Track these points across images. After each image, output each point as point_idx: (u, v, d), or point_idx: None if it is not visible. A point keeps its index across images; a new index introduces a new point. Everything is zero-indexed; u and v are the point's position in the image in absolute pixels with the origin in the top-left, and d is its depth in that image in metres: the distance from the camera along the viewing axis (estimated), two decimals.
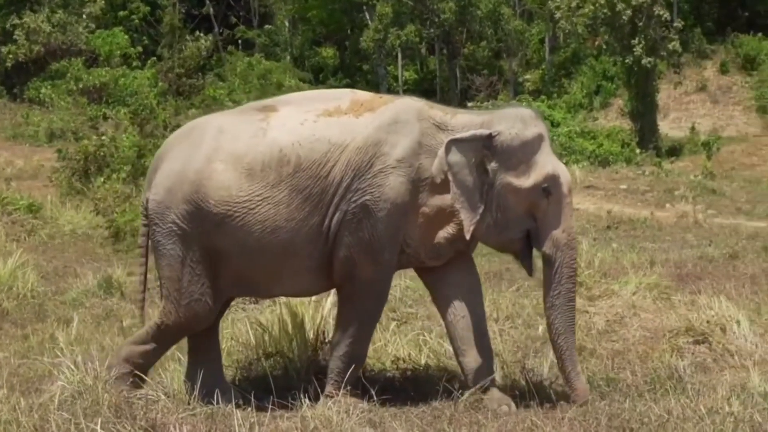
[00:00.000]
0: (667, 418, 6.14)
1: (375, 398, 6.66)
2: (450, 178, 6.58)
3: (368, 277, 6.73)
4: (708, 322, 8.36)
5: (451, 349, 7.29)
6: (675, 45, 39.59)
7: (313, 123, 6.70)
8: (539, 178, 6.72)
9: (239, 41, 49.18)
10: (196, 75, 43.23)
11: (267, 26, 49.82)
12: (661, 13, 39.07)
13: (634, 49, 38.26)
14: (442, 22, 43.28)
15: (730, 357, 7.79)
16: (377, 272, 6.76)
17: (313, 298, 7.82)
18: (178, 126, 24.11)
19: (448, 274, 7.05)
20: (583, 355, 8.14)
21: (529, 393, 6.78)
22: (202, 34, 45.00)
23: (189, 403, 6.63)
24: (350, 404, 6.51)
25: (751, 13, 47.58)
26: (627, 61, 38.81)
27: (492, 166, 6.69)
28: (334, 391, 6.73)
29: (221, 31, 48.82)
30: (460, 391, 6.69)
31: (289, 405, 6.68)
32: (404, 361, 7.87)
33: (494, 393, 6.83)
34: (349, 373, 6.76)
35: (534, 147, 6.78)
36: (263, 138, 6.67)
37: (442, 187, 6.65)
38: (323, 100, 7.01)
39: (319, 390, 6.79)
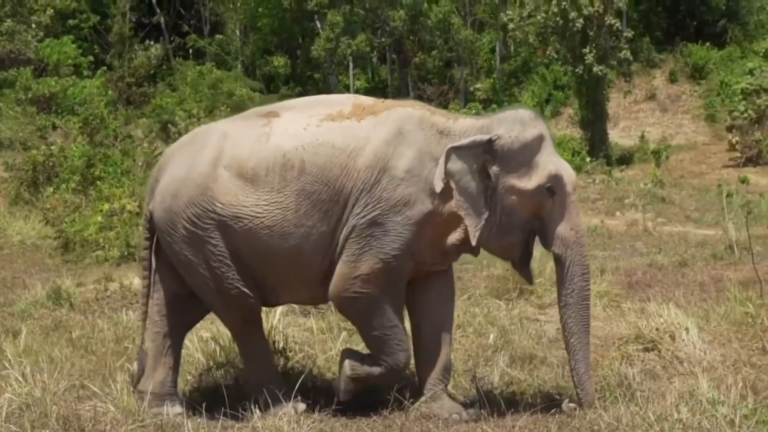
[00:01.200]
0: (617, 425, 6.19)
1: (326, 408, 6.65)
2: (452, 185, 6.59)
3: (370, 293, 6.68)
4: (657, 329, 8.42)
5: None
6: (625, 54, 39.84)
7: (316, 128, 6.72)
8: (542, 178, 6.76)
9: (190, 50, 48.96)
10: (147, 84, 43.07)
11: (218, 36, 49.61)
12: (612, 22, 39.30)
13: (585, 58, 38.44)
14: (393, 31, 43.31)
15: (679, 364, 7.84)
16: (390, 284, 6.73)
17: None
18: (129, 136, 24.27)
19: (427, 281, 7.05)
20: (534, 363, 8.19)
21: (479, 402, 6.78)
22: (152, 43, 44.80)
23: (138, 415, 6.59)
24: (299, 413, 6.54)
25: (699, 23, 48.02)
26: (577, 70, 38.98)
27: (494, 170, 6.71)
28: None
29: (172, 39, 48.54)
30: (411, 400, 6.69)
31: (240, 416, 6.66)
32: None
33: (445, 402, 6.84)
34: (389, 377, 6.85)
35: (535, 148, 6.81)
36: (266, 143, 6.68)
37: (446, 195, 6.65)
38: (325, 105, 7.03)
39: (266, 401, 6.77)
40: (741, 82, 39.04)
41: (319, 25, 45.48)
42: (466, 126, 6.89)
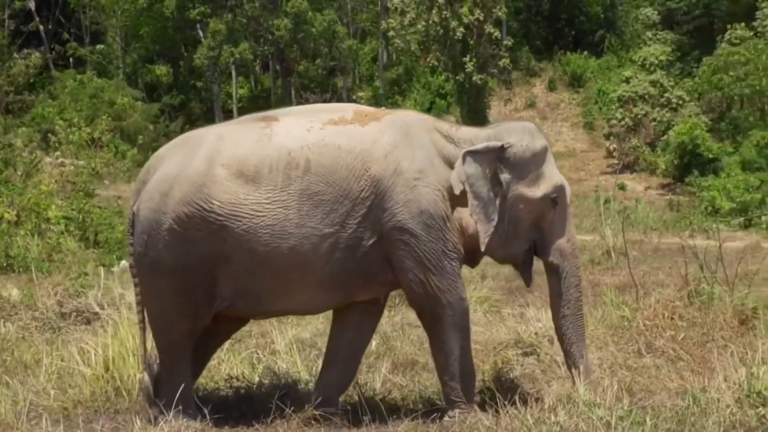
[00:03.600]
0: (496, 429, 6.27)
1: (208, 417, 6.63)
2: (467, 189, 6.58)
3: (442, 291, 6.65)
4: (536, 334, 8.57)
5: (283, 365, 7.31)
6: (505, 62, 40.36)
7: (320, 130, 6.62)
8: (549, 188, 6.84)
9: (70, 59, 48.21)
10: (26, 93, 42.31)
11: (99, 44, 48.93)
12: (492, 31, 39.77)
13: (466, 67, 38.87)
14: (277, 39, 43.20)
15: (557, 368, 7.96)
16: (448, 284, 6.67)
17: None
18: (9, 145, 23.75)
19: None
20: (416, 369, 8.26)
21: (361, 408, 6.82)
22: (31, 51, 44.04)
23: (17, 428, 6.50)
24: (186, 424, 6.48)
25: (577, 32, 48.86)
26: (458, 78, 39.38)
27: (505, 177, 6.74)
28: (461, 411, 6.69)
29: (52, 48, 47.77)
30: (292, 408, 6.69)
31: (120, 426, 6.61)
32: (238, 380, 7.85)
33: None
34: (468, 388, 6.78)
35: (542, 158, 6.89)
36: (269, 142, 6.55)
37: (456, 201, 6.66)
38: (326, 111, 6.96)
39: (152, 410, 6.72)
40: (618, 91, 39.92)
41: (201, 34, 45.18)
42: (471, 134, 6.90)
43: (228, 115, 44.70)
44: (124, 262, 14.41)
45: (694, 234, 14.96)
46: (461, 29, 39.02)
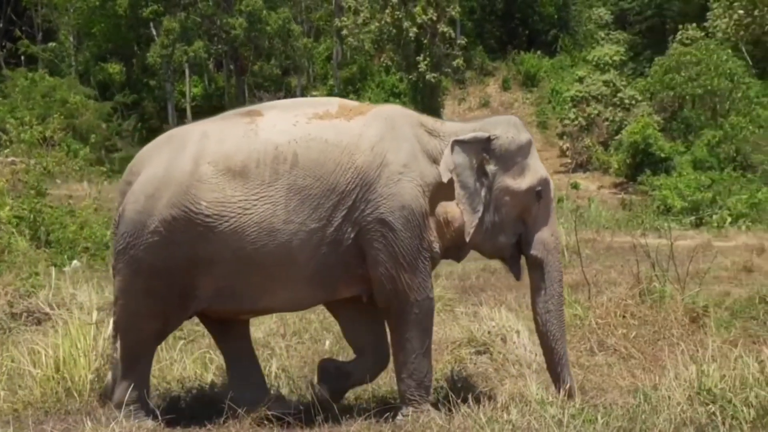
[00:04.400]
0: (449, 428, 6.27)
1: (160, 418, 6.59)
2: (454, 178, 6.59)
3: (411, 288, 6.62)
4: (489, 332, 8.60)
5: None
6: (459, 62, 40.45)
7: (306, 124, 6.59)
8: (534, 181, 6.86)
9: (22, 57, 47.78)
10: None
11: (51, 43, 48.53)
12: (445, 30, 39.86)
13: (419, 66, 38.93)
14: (231, 38, 43.06)
15: (510, 366, 8.01)
16: (418, 282, 6.64)
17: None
18: None
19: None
20: None
21: (314, 407, 6.80)
22: None
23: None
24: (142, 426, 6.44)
25: (531, 32, 49.08)
26: (412, 77, 39.43)
27: (491, 168, 6.76)
28: (414, 410, 6.65)
29: (3, 45, 47.36)
30: (245, 408, 6.65)
31: (71, 427, 6.57)
32: (190, 380, 7.81)
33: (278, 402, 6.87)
34: (424, 387, 6.73)
35: (527, 151, 6.91)
36: (255, 138, 6.49)
37: (440, 193, 6.66)
38: (311, 105, 6.90)
39: (105, 410, 6.69)
40: (571, 90, 40.12)
41: (154, 32, 44.96)
42: (456, 128, 6.91)
43: (181, 114, 44.57)
44: (75, 262, 14.33)
45: (646, 233, 15.10)
46: (414, 29, 39.07)
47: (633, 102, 38.54)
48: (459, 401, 6.56)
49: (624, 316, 9.36)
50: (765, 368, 6.48)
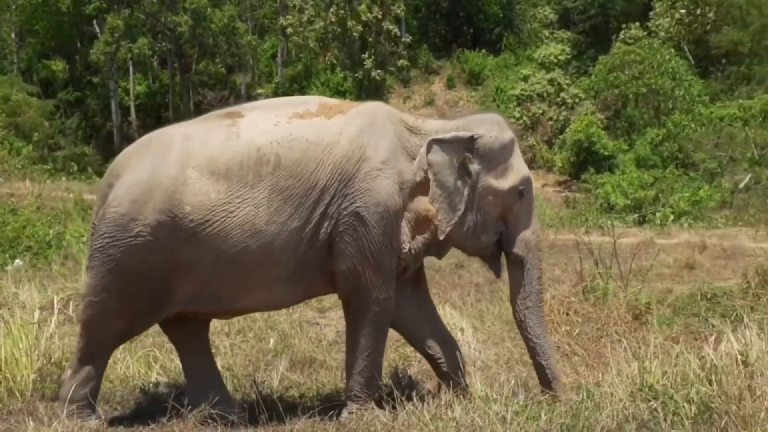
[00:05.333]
0: (393, 425, 6.28)
1: (103, 417, 6.56)
2: (431, 177, 6.58)
3: (374, 286, 6.61)
4: None
5: (180, 364, 7.25)
6: (403, 61, 40.52)
7: (287, 124, 6.59)
8: (516, 180, 6.88)
9: None
10: None
11: None
12: (390, 28, 39.92)
13: (364, 64, 38.95)
14: (176, 36, 42.83)
15: None
16: (381, 280, 6.63)
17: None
18: None
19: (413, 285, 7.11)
20: (313, 366, 8.25)
21: (258, 406, 6.78)
22: None
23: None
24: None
25: (475, 31, 49.18)
26: (357, 75, 39.43)
27: (474, 167, 6.75)
28: (359, 407, 6.65)
29: None
30: (189, 407, 6.63)
31: (13, 427, 6.51)
32: (134, 379, 7.77)
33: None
34: (372, 384, 6.74)
35: (510, 150, 6.93)
36: (238, 140, 6.48)
37: (420, 191, 6.64)
38: (291, 105, 6.90)
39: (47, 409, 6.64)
40: (515, 89, 40.25)
41: (98, 29, 44.60)
42: (438, 126, 6.92)
43: (125, 112, 44.34)
44: (18, 262, 14.18)
45: (590, 230, 15.26)
46: (359, 27, 39.10)
47: (577, 101, 38.76)
48: (403, 399, 6.58)
49: (567, 314, 9.43)
50: (706, 365, 6.52)
